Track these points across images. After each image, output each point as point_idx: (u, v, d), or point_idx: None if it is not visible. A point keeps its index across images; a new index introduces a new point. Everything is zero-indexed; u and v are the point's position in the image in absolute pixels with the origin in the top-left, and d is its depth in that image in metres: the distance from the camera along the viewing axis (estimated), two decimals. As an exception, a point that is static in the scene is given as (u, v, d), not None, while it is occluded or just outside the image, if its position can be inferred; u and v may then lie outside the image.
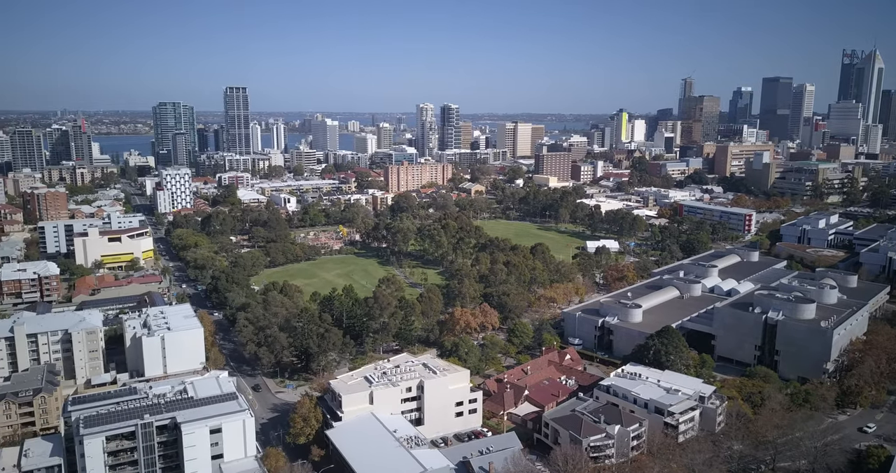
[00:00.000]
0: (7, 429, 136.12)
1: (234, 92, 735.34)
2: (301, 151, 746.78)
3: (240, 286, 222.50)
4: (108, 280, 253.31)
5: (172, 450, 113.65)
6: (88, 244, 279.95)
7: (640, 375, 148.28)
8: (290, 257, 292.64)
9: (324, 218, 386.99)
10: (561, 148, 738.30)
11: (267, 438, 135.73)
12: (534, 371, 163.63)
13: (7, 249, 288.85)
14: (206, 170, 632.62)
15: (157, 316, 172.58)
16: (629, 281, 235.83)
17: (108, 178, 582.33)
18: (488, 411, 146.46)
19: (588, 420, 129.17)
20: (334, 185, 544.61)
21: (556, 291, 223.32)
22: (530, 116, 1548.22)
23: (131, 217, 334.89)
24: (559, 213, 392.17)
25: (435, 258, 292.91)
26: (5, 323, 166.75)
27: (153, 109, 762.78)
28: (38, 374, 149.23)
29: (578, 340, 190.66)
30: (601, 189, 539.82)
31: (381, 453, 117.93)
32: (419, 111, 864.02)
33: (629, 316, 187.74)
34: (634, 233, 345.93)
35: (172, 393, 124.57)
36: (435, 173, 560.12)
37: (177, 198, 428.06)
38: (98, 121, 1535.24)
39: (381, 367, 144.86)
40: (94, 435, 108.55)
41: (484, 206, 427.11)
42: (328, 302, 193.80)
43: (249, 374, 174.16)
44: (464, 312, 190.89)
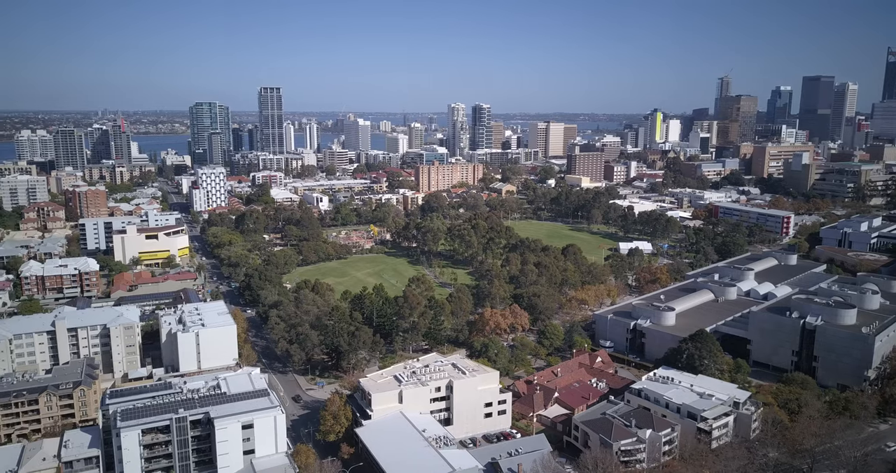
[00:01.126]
0: (48, 420, 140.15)
1: (268, 92, 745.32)
2: (333, 151, 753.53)
3: (272, 284, 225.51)
4: (145, 276, 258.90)
5: (206, 445, 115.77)
6: (127, 241, 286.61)
7: (672, 379, 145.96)
8: (321, 256, 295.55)
9: (355, 217, 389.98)
10: (594, 148, 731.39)
11: (297, 435, 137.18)
12: (564, 373, 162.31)
13: (50, 245, 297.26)
14: (240, 169, 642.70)
15: (191, 312, 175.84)
16: (662, 283, 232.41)
17: (146, 177, 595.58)
18: (517, 412, 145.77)
19: (619, 423, 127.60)
20: (366, 185, 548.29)
21: (587, 293, 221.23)
22: (563, 116, 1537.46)
23: (168, 215, 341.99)
24: (591, 214, 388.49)
25: (465, 258, 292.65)
26: (47, 318, 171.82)
27: (190, 109, 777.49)
28: (78, 367, 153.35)
29: (610, 343, 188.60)
30: (634, 190, 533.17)
31: (410, 452, 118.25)
32: (450, 111, 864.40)
33: (662, 319, 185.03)
34: (668, 234, 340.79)
35: (206, 388, 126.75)
36: (465, 173, 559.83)
37: (212, 196, 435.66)
38: (137, 120, 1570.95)
39: (410, 366, 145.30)
40: (131, 428, 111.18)
41: (515, 206, 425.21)
42: (359, 301, 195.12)
43: (281, 371, 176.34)
44: (494, 313, 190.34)
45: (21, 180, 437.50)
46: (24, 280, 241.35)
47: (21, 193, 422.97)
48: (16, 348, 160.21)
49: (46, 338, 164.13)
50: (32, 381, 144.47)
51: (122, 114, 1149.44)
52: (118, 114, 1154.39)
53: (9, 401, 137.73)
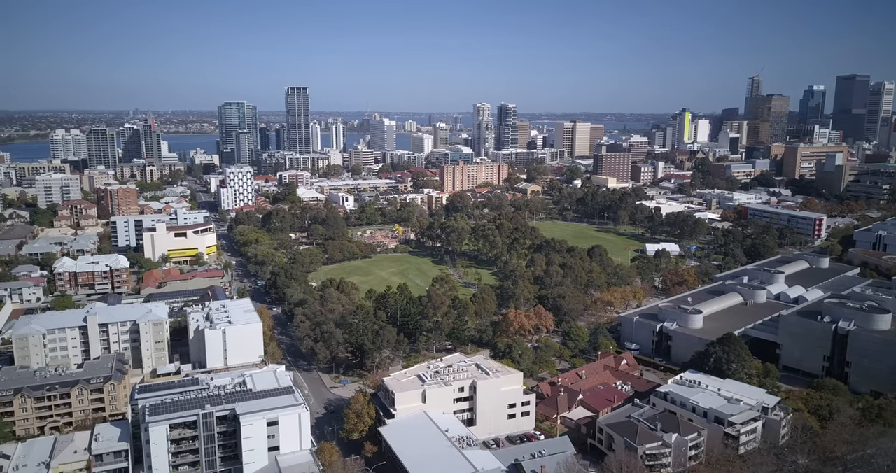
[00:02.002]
0: (80, 414, 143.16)
1: (295, 92, 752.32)
2: (359, 151, 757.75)
3: (298, 282, 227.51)
4: (174, 273, 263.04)
5: (231, 440, 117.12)
6: (156, 239, 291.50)
7: (699, 383, 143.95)
8: (346, 255, 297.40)
9: (380, 216, 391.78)
10: (620, 148, 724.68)
11: (322, 432, 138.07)
12: (589, 375, 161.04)
13: (82, 242, 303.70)
14: (267, 168, 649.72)
15: (219, 309, 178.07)
16: (690, 285, 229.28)
17: (176, 176, 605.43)
18: (541, 414, 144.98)
19: (644, 427, 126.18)
20: (391, 185, 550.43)
21: (613, 295, 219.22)
22: (589, 115, 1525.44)
23: (196, 213, 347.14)
24: (618, 215, 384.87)
25: (489, 258, 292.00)
26: (79, 313, 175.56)
27: (218, 109, 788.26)
28: (109, 362, 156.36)
29: (635, 345, 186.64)
30: (662, 190, 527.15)
31: (433, 452, 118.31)
32: (476, 110, 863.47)
33: (689, 322, 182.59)
34: (696, 236, 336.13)
35: (232, 384, 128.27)
36: (490, 173, 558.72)
37: (239, 195, 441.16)
38: (167, 120, 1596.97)
39: (433, 366, 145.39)
40: (159, 423, 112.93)
41: (540, 207, 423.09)
42: (383, 300, 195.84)
43: (305, 369, 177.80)
44: (518, 314, 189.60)
45: (55, 178, 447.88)
46: (58, 276, 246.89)
47: (55, 191, 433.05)
48: (49, 343, 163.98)
49: (78, 333, 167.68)
50: (65, 375, 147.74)
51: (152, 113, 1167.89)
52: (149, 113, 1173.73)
53: (42, 394, 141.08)
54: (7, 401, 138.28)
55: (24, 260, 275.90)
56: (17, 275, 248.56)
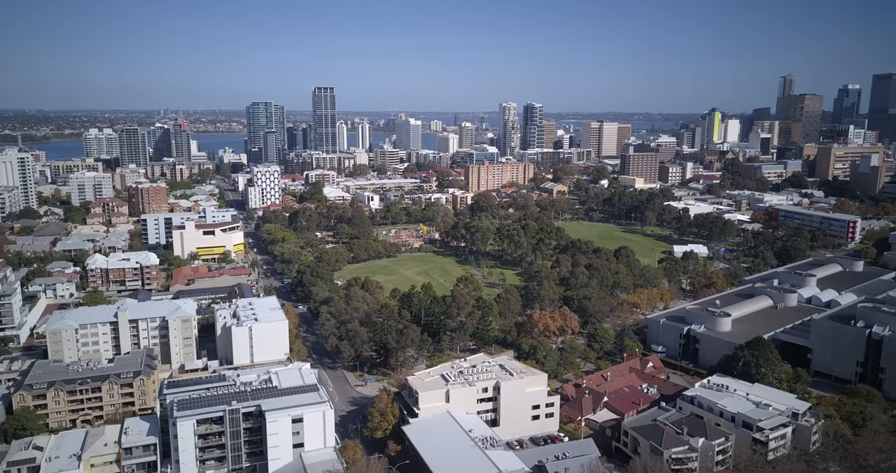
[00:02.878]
0: (110, 408, 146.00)
1: (322, 92, 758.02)
2: (385, 150, 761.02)
3: (323, 280, 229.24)
4: (202, 271, 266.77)
5: (257, 437, 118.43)
6: (185, 236, 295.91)
7: (727, 387, 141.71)
8: (371, 254, 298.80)
9: (405, 216, 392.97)
10: (648, 148, 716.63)
11: (345, 430, 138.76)
12: (614, 377, 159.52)
13: (113, 239, 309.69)
14: (294, 167, 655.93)
15: (245, 307, 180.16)
16: (718, 288, 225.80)
17: (204, 174, 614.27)
18: (565, 416, 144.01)
19: (670, 430, 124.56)
20: (416, 184, 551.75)
21: (639, 296, 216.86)
22: (616, 115, 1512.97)
23: (224, 211, 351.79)
24: (645, 216, 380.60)
25: (514, 259, 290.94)
26: (110, 309, 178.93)
27: (246, 109, 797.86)
28: (138, 358, 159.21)
29: (662, 348, 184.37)
30: (690, 191, 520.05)
31: (456, 452, 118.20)
32: (502, 110, 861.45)
33: (717, 325, 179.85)
34: (725, 238, 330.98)
35: (258, 381, 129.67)
36: (516, 173, 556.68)
37: (267, 194, 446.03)
38: (197, 119, 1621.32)
39: (457, 366, 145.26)
40: (187, 418, 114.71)
41: (566, 207, 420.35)
42: (407, 299, 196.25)
43: (330, 367, 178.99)
44: (543, 315, 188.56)
45: (88, 177, 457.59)
46: (90, 272, 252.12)
47: (88, 189, 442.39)
48: (81, 337, 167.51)
49: (109, 329, 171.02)
50: (96, 370, 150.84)
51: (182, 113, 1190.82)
52: (179, 113, 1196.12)
53: (74, 388, 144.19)
54: (41, 394, 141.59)
55: (58, 256, 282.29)
56: (51, 271, 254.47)
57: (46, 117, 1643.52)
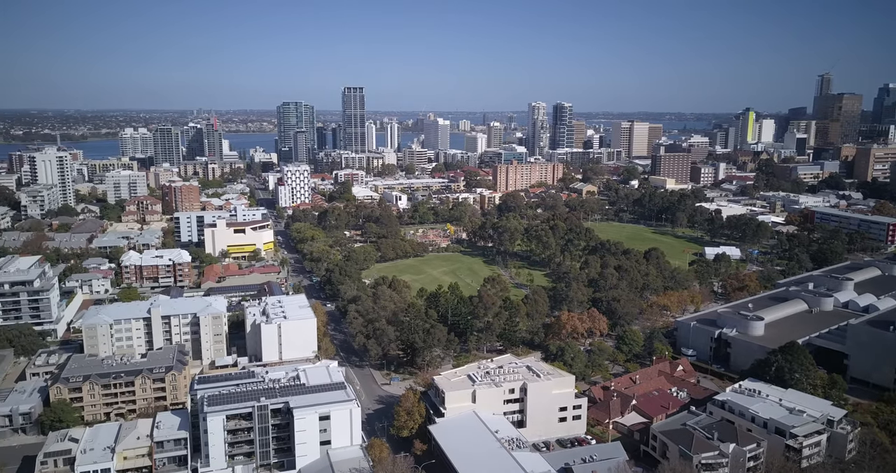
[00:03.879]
0: (143, 402, 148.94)
1: (351, 92, 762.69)
2: (413, 150, 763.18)
3: (351, 279, 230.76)
4: (233, 269, 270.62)
5: (285, 433, 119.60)
6: (217, 234, 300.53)
7: (759, 392, 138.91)
8: (399, 253, 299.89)
9: (432, 216, 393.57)
10: (680, 148, 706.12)
11: (372, 428, 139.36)
12: (643, 380, 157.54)
13: (147, 237, 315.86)
14: (323, 167, 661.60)
15: (275, 304, 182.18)
16: (751, 291, 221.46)
17: (236, 173, 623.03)
18: (593, 418, 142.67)
19: (700, 435, 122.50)
20: (443, 184, 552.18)
21: (669, 299, 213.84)
22: (647, 115, 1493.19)
23: (255, 210, 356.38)
24: (676, 217, 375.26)
25: (542, 259, 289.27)
26: (144, 305, 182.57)
27: (277, 109, 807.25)
28: (170, 353, 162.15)
29: (692, 351, 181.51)
30: (723, 192, 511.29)
31: (482, 452, 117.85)
32: (531, 109, 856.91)
33: (749, 329, 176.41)
34: (758, 240, 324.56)
35: (286, 378, 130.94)
36: (545, 172, 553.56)
37: (296, 193, 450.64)
38: (228, 119, 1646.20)
39: (484, 367, 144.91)
40: (216, 414, 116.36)
41: (595, 208, 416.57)
42: (434, 299, 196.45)
43: (357, 365, 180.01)
44: (571, 316, 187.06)
45: (123, 175, 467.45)
46: (125, 269, 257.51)
47: (123, 187, 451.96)
48: (115, 332, 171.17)
49: (143, 325, 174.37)
50: (129, 364, 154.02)
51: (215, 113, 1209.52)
52: (211, 113, 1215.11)
53: (109, 382, 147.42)
54: (77, 388, 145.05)
55: (93, 253, 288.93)
56: (87, 267, 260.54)
57: (84, 117, 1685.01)
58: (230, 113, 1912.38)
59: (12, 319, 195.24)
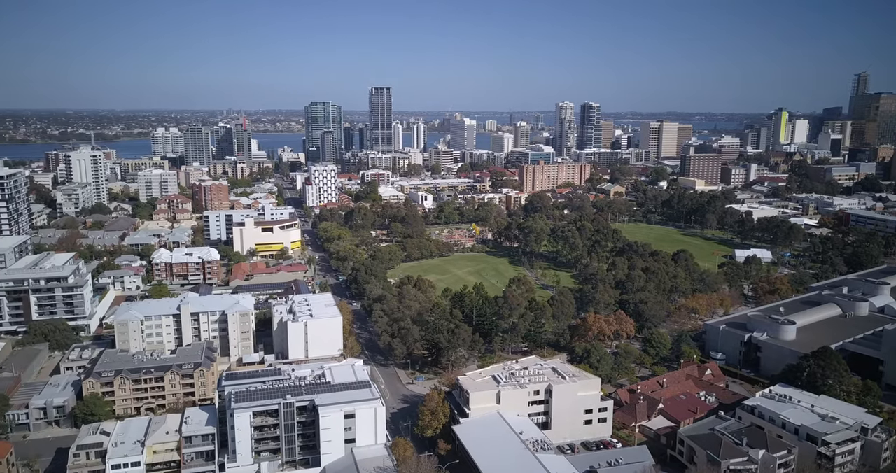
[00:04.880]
0: (172, 397, 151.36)
1: (378, 92, 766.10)
2: (439, 150, 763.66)
3: (377, 278, 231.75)
4: (261, 267, 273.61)
5: (310, 430, 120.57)
6: (245, 233, 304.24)
7: (790, 398, 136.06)
8: (424, 253, 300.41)
9: (458, 216, 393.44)
10: (710, 149, 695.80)
11: (396, 427, 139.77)
12: (670, 384, 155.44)
13: (178, 235, 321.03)
14: (350, 166, 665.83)
15: (301, 303, 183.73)
16: (782, 294, 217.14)
17: (264, 173, 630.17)
18: (619, 421, 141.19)
19: (728, 440, 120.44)
20: (469, 184, 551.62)
21: (698, 301, 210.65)
22: (677, 115, 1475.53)
23: (282, 209, 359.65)
24: (706, 218, 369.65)
25: (568, 260, 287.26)
26: (173, 302, 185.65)
27: (305, 109, 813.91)
28: (199, 350, 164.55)
29: (721, 355, 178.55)
30: (754, 194, 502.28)
31: (506, 453, 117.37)
32: (558, 109, 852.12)
33: (781, 333, 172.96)
34: (790, 242, 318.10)
35: (312, 376, 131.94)
36: (572, 173, 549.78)
37: (323, 192, 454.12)
38: (257, 119, 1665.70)
39: (509, 367, 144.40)
40: (243, 410, 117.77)
41: (623, 208, 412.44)
42: (459, 299, 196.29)
43: (382, 364, 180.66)
44: (597, 318, 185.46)
45: (155, 174, 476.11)
46: (155, 266, 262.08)
47: (155, 186, 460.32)
48: (146, 328, 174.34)
49: (172, 321, 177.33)
50: (159, 360, 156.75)
51: (244, 113, 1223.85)
52: (241, 113, 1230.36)
53: (139, 377, 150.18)
54: (108, 382, 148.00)
55: (126, 250, 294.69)
56: (119, 264, 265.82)
57: (118, 117, 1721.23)
58: (259, 113, 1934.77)
59: (47, 314, 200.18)
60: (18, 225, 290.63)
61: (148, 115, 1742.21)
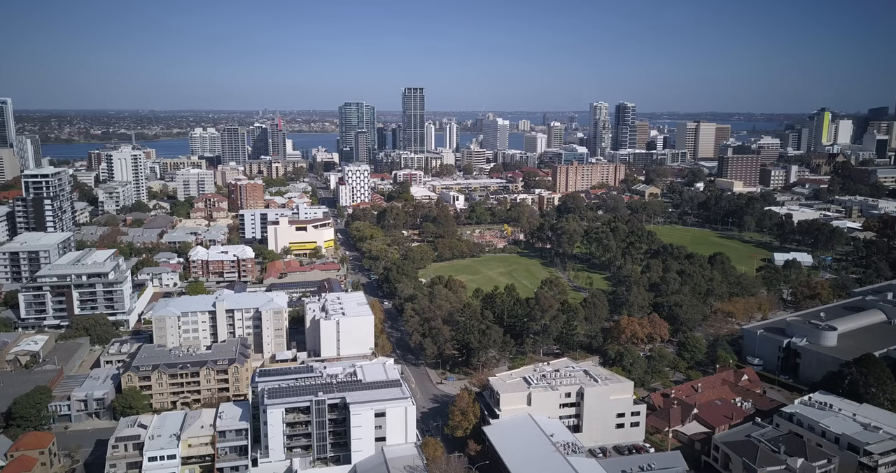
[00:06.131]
0: (207, 392, 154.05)
1: (411, 93, 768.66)
2: (471, 150, 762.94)
3: (408, 278, 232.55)
4: (294, 265, 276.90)
5: (341, 428, 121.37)
6: (279, 231, 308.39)
7: (830, 406, 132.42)
8: (455, 253, 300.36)
9: (489, 216, 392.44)
10: (748, 150, 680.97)
11: (426, 427, 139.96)
12: (705, 389, 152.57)
13: (214, 233, 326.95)
14: (383, 167, 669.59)
15: (334, 301, 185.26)
16: (823, 299, 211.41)
17: (298, 172, 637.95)
18: (652, 426, 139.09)
19: (766, 448, 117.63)
20: (501, 184, 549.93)
21: (735, 305, 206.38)
22: (714, 115, 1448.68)
23: (316, 208, 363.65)
24: (743, 221, 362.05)
25: (602, 262, 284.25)
26: (209, 299, 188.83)
27: (339, 109, 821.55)
28: (233, 346, 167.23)
29: (758, 360, 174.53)
30: (794, 196, 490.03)
31: (537, 456, 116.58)
32: (592, 109, 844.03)
33: (821, 339, 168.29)
34: (832, 246, 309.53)
35: (343, 374, 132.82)
36: (606, 173, 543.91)
37: (356, 192, 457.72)
38: (292, 119, 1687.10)
39: (540, 369, 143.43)
40: (276, 406, 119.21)
41: (658, 210, 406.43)
42: (490, 300, 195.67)
43: (413, 363, 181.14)
44: (631, 321, 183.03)
45: (193, 173, 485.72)
46: (192, 263, 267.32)
47: (192, 185, 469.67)
48: (183, 324, 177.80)
49: (208, 318, 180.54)
50: (195, 355, 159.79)
51: (279, 113, 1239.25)
52: (276, 113, 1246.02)
53: (176, 372, 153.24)
54: (146, 376, 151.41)
55: (164, 247, 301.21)
56: (157, 261, 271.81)
57: (157, 117, 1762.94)
58: (294, 113, 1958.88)
59: (89, 309, 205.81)
60: (62, 222, 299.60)
61: (186, 116, 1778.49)
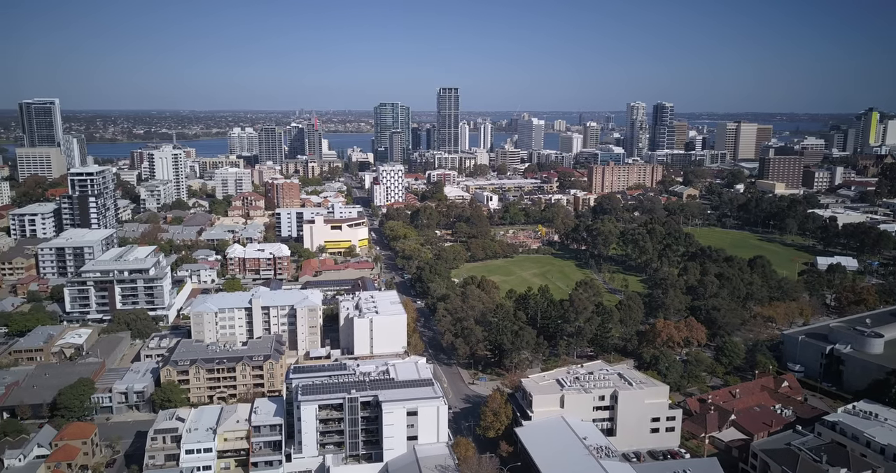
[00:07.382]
0: (243, 387, 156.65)
1: (446, 93, 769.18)
2: (506, 150, 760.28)
3: (441, 277, 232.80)
4: (329, 263, 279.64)
5: (373, 426, 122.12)
6: (314, 230, 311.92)
7: (876, 415, 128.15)
8: (489, 253, 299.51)
9: (523, 216, 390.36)
10: (791, 151, 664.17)
11: (458, 427, 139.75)
12: (743, 394, 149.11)
13: (251, 231, 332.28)
14: (417, 167, 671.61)
15: (367, 299, 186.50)
16: (868, 305, 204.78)
17: (334, 172, 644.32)
18: (687, 431, 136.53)
19: (807, 457, 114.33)
20: (536, 184, 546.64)
21: (775, 310, 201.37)
22: (756, 115, 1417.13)
23: (351, 208, 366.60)
24: (785, 224, 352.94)
25: (638, 264, 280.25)
26: (245, 295, 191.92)
27: (374, 109, 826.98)
28: (269, 342, 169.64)
29: (799, 367, 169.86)
30: (839, 198, 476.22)
31: (569, 459, 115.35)
32: (629, 109, 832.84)
33: (867, 346, 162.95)
34: (879, 250, 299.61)
35: (376, 372, 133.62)
36: (643, 174, 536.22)
37: (390, 192, 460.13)
38: (328, 119, 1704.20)
39: (573, 372, 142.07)
40: (310, 403, 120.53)
41: (696, 212, 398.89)
42: (523, 301, 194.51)
43: (445, 363, 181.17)
44: (667, 324, 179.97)
45: (231, 172, 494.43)
46: (230, 261, 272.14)
47: (230, 184, 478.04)
48: (220, 320, 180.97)
49: (244, 314, 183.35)
50: (231, 351, 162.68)
51: (315, 113, 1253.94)
52: (312, 113, 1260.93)
53: (213, 367, 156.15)
54: (184, 371, 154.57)
55: (202, 244, 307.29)
56: (196, 258, 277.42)
57: (197, 117, 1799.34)
58: (330, 113, 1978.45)
59: (130, 304, 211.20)
60: (106, 219, 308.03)
61: (225, 116, 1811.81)
